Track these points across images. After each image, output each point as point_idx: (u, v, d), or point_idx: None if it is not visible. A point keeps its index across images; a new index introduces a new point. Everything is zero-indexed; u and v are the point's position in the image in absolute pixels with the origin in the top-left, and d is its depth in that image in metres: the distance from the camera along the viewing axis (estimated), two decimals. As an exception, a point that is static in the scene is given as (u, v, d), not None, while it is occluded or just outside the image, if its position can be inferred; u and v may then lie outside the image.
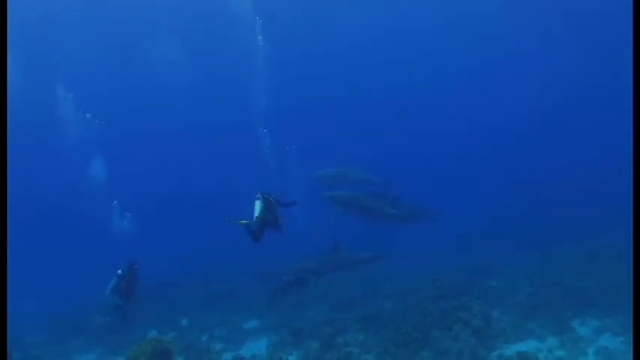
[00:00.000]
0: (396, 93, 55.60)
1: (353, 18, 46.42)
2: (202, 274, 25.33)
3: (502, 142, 49.31)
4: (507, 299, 15.73)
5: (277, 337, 16.50)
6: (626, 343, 11.84)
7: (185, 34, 41.13)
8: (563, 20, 43.02)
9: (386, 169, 22.50)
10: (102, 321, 18.64)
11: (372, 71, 53.48)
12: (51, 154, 43.23)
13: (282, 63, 35.84)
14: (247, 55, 29.31)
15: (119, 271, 14.70)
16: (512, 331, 13.40)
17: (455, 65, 53.44)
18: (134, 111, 50.74)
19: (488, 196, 34.73)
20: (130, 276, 14.84)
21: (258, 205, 11.99)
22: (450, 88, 55.11)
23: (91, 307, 20.97)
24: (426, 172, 41.73)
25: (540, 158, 41.80)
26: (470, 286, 17.40)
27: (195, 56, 43.45)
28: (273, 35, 28.70)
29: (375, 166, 22.38)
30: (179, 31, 40.65)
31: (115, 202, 23.96)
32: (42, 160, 47.35)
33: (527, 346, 12.60)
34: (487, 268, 19.97)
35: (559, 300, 14.68)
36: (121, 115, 46.16)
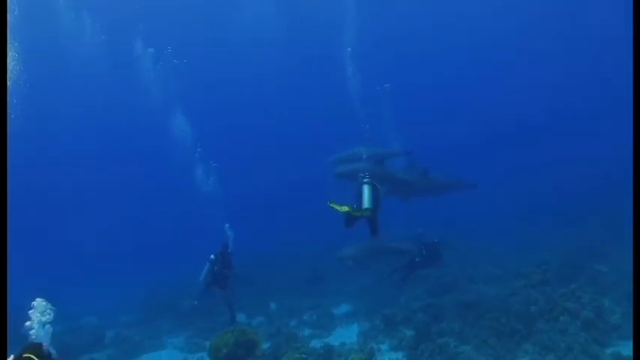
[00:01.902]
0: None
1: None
2: (289, 256, 24.91)
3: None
4: (621, 287, 14.29)
5: (369, 324, 15.76)
6: None
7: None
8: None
9: (405, 141, 21.22)
10: (192, 304, 18.46)
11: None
12: (135, 110, 43.53)
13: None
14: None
15: (211, 256, 14.29)
16: (630, 325, 12.07)
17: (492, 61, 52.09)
18: (218, 66, 50.21)
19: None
20: (222, 260, 14.42)
21: (367, 193, 11.09)
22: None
23: (182, 288, 20.96)
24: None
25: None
26: (577, 270, 16.07)
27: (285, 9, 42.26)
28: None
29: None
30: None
31: (198, 149, 23.51)
32: (127, 118, 48.34)
33: (649, 344, 11.23)
34: (592, 250, 18.44)
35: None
36: (204, 70, 45.97)
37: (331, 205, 10.66)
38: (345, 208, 10.58)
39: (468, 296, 15.60)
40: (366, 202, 10.91)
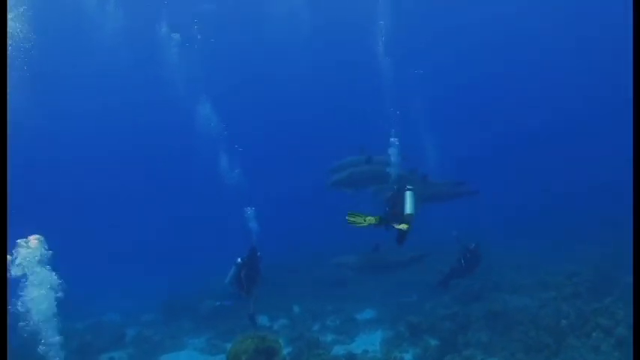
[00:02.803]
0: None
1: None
2: (313, 257, 24.34)
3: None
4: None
5: (393, 332, 15.39)
6: None
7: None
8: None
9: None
10: (213, 305, 18.25)
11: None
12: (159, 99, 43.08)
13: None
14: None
15: (238, 260, 13.52)
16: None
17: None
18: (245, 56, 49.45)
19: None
20: (250, 264, 13.58)
21: (411, 200, 10.49)
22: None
23: (205, 289, 20.81)
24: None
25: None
26: (609, 283, 15.53)
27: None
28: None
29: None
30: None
31: (225, 132, 23.13)
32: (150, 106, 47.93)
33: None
34: (620, 260, 17.75)
35: None
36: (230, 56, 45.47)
37: (350, 219, 10.15)
38: (372, 220, 10.10)
39: (495, 306, 15.14)
40: (408, 208, 10.41)
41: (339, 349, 14.55)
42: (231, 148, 22.87)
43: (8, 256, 7.38)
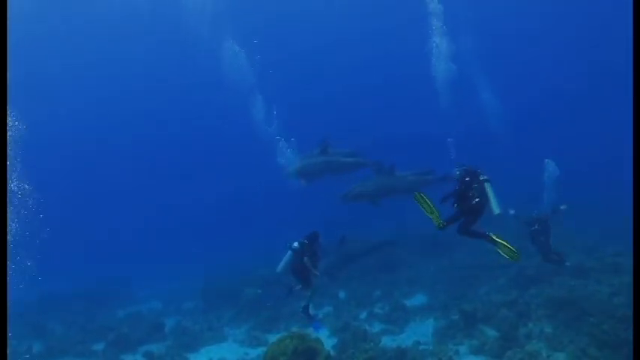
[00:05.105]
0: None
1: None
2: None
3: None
4: None
5: (445, 321, 14.17)
6: None
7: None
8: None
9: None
10: (255, 292, 17.42)
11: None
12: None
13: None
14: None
15: (295, 244, 11.85)
16: None
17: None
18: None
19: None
20: (311, 250, 11.95)
21: (493, 194, 9.58)
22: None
23: (248, 275, 20.28)
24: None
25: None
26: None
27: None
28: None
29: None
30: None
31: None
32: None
33: None
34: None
35: None
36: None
37: (420, 199, 9.24)
38: (437, 220, 9.30)
39: (558, 292, 13.79)
40: (495, 207, 9.45)
41: (387, 341, 13.47)
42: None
43: None
